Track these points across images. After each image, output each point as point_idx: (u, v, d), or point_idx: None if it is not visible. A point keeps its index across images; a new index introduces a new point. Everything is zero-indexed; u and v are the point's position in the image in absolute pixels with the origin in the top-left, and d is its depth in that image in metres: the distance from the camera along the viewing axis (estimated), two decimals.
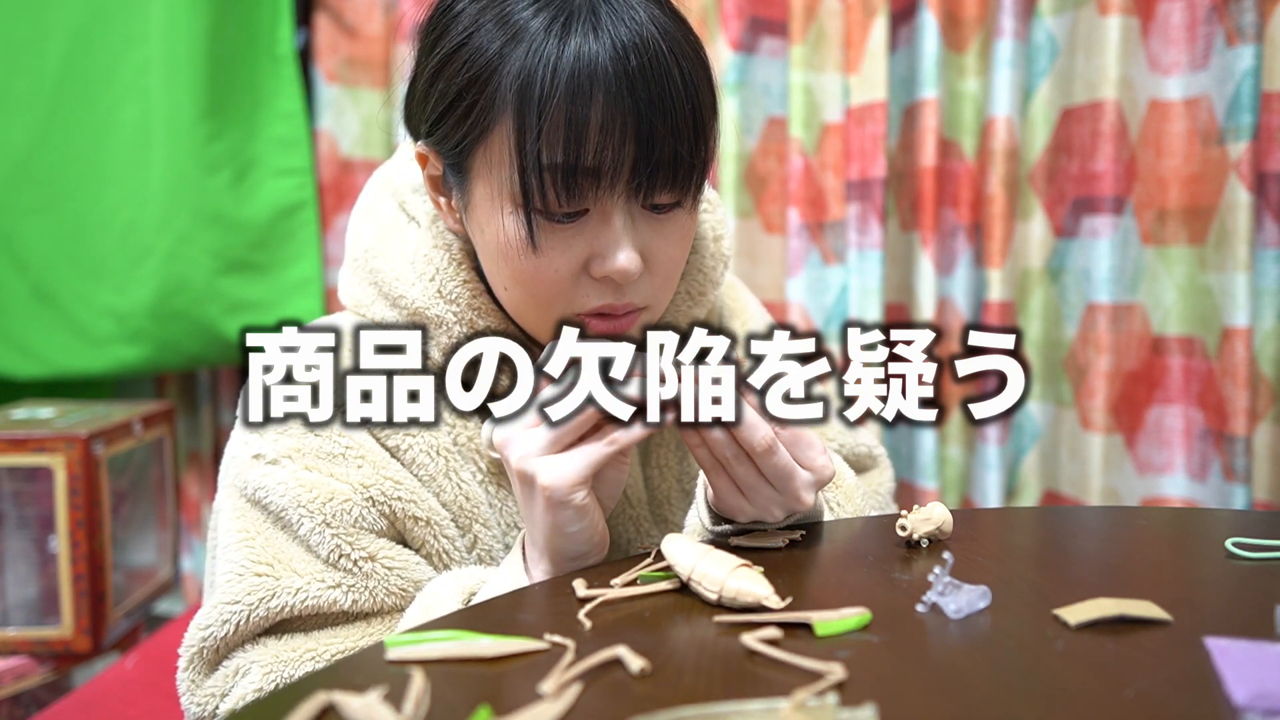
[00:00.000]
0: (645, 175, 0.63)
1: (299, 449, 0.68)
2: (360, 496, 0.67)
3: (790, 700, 0.40)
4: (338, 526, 0.66)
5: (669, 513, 0.85)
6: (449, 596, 0.64)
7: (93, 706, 1.16)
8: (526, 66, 0.61)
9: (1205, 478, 1.36)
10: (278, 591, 0.65)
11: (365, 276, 0.76)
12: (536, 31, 0.61)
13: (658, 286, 0.70)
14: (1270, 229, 1.27)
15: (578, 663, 0.45)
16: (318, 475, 0.67)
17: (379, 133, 1.66)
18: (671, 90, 0.62)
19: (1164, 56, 1.36)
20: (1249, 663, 0.44)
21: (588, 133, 0.61)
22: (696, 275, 0.80)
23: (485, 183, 0.66)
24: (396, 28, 1.60)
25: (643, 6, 0.63)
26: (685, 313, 0.79)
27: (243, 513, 0.70)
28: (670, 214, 0.68)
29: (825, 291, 1.59)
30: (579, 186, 0.63)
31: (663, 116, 0.62)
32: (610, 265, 0.65)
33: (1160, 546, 0.67)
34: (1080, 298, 1.46)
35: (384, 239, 0.75)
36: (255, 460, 0.69)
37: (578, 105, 0.60)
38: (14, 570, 1.44)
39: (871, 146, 1.54)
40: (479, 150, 0.65)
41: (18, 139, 1.61)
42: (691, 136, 0.64)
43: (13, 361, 1.68)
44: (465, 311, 0.71)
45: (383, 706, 0.40)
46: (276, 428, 0.69)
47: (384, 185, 0.80)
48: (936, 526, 0.64)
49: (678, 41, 0.64)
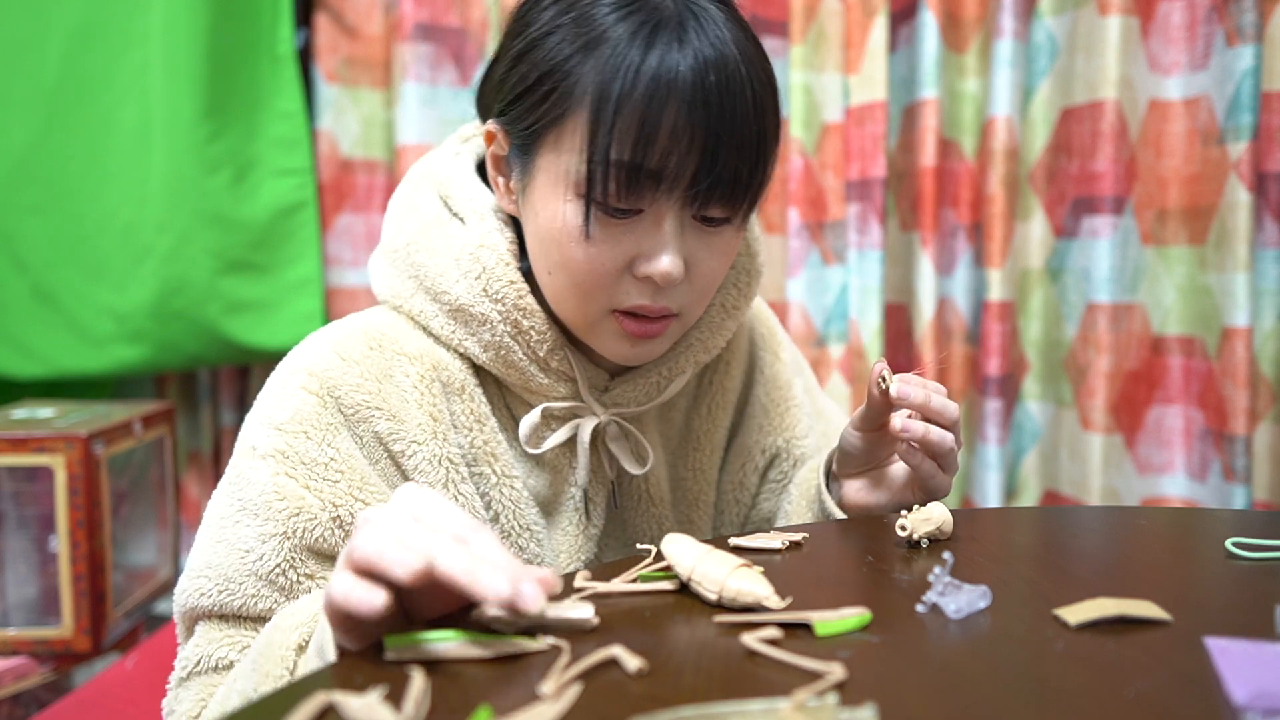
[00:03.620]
0: (703, 186, 0.66)
1: (285, 452, 0.69)
2: (327, 516, 0.68)
3: (790, 700, 0.40)
4: (295, 542, 0.67)
5: (695, 515, 0.85)
6: (285, 649, 0.60)
7: (93, 706, 1.16)
8: (611, 64, 0.63)
9: (1205, 478, 1.36)
10: (219, 605, 0.68)
11: (405, 269, 0.76)
12: (623, 35, 0.64)
13: (694, 296, 0.72)
14: (1270, 229, 1.27)
15: (576, 662, 0.45)
16: (293, 484, 0.68)
17: (379, 132, 1.66)
18: (742, 109, 0.65)
19: (1164, 56, 1.36)
20: (1249, 663, 0.45)
21: (657, 136, 0.63)
22: (731, 290, 0.81)
23: (550, 168, 0.68)
24: (396, 28, 1.60)
25: (727, 28, 0.65)
26: (719, 324, 0.81)
27: (223, 501, 0.71)
28: (718, 229, 0.70)
29: (825, 292, 1.59)
30: (640, 186, 0.65)
31: (730, 133, 0.65)
32: (654, 266, 0.67)
33: (1160, 546, 0.67)
34: (1080, 298, 1.46)
35: (427, 233, 0.76)
36: (250, 450, 0.70)
37: (653, 108, 0.63)
38: (14, 570, 1.44)
39: (871, 146, 1.54)
40: (550, 135, 0.67)
41: (18, 139, 1.61)
42: (753, 156, 0.67)
43: (13, 361, 1.67)
44: (510, 311, 0.72)
45: (383, 706, 0.40)
46: (278, 420, 0.70)
47: (427, 179, 0.80)
48: (936, 526, 0.64)
49: (754, 65, 0.66)
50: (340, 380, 0.71)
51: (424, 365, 0.74)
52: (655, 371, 0.78)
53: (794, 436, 0.88)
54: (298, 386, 0.71)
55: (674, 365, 0.79)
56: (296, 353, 0.75)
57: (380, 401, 0.71)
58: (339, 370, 0.71)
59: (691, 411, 0.86)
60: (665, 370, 0.79)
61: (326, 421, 0.70)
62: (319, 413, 0.70)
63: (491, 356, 0.74)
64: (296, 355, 0.74)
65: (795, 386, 0.89)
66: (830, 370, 1.58)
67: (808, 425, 0.89)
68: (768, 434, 0.87)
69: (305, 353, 0.74)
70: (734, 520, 0.88)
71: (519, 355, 0.73)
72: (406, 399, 0.72)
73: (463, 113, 1.62)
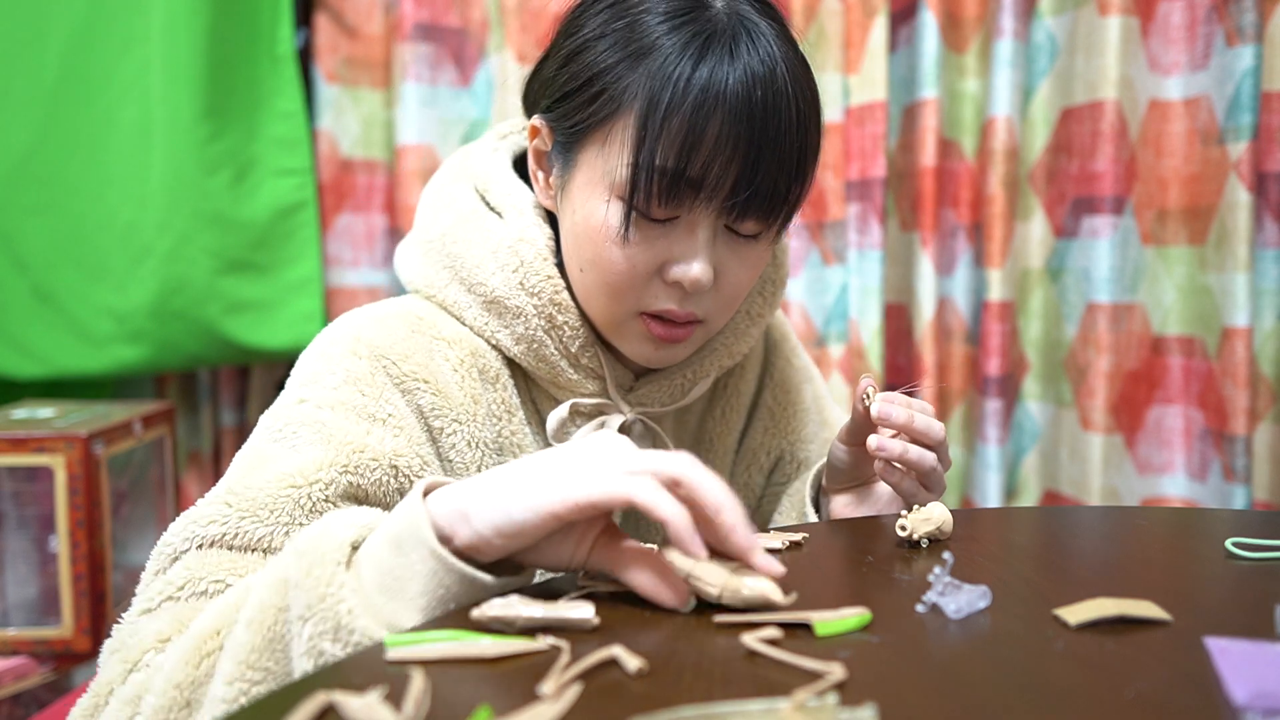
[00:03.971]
0: (742, 198, 0.67)
1: (345, 402, 0.67)
2: (387, 462, 0.66)
3: (790, 700, 0.40)
4: (353, 477, 0.64)
5: None
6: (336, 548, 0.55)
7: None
8: (663, 73, 0.64)
9: (1205, 478, 1.36)
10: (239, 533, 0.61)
11: (440, 260, 0.76)
12: (675, 45, 0.65)
13: (721, 305, 0.73)
14: (1270, 229, 1.27)
15: (576, 662, 0.45)
16: (356, 428, 0.66)
17: (379, 132, 1.66)
18: (786, 126, 0.66)
19: (1164, 56, 1.36)
20: (1249, 663, 0.44)
21: (701, 145, 0.64)
22: (757, 298, 0.82)
23: (591, 167, 0.69)
24: (396, 28, 1.60)
25: (777, 45, 0.66)
26: (744, 330, 0.82)
27: (259, 444, 0.66)
28: (751, 241, 0.71)
29: (825, 292, 1.59)
30: (680, 193, 0.66)
31: (773, 148, 0.65)
32: (684, 272, 0.68)
33: (1160, 546, 0.67)
34: (1080, 298, 1.46)
35: (464, 225, 0.76)
36: (299, 404, 0.67)
37: (699, 118, 0.64)
38: (14, 570, 1.44)
39: (871, 146, 1.54)
40: (595, 136, 0.68)
41: (18, 139, 1.61)
42: (792, 172, 0.68)
43: (13, 361, 1.67)
44: (546, 306, 0.73)
45: (383, 706, 0.40)
46: (330, 383, 0.68)
47: (463, 172, 0.81)
48: (936, 526, 0.64)
49: (801, 84, 0.67)
50: (389, 349, 0.70)
51: (463, 350, 0.74)
52: (680, 374, 0.79)
53: (798, 440, 0.88)
54: (346, 351, 0.70)
55: (698, 369, 0.80)
56: (337, 325, 0.73)
57: (427, 375, 0.71)
58: (386, 341, 0.71)
59: (706, 414, 0.86)
60: (690, 373, 0.79)
61: (380, 382, 0.69)
62: (372, 374, 0.69)
63: (524, 350, 0.74)
64: (339, 326, 0.73)
65: (804, 392, 0.90)
66: (830, 370, 1.58)
67: (813, 431, 0.89)
68: (772, 436, 0.88)
69: (349, 324, 0.72)
70: None
71: (551, 350, 0.74)
72: (449, 380, 0.72)
73: (462, 112, 1.62)
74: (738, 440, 0.88)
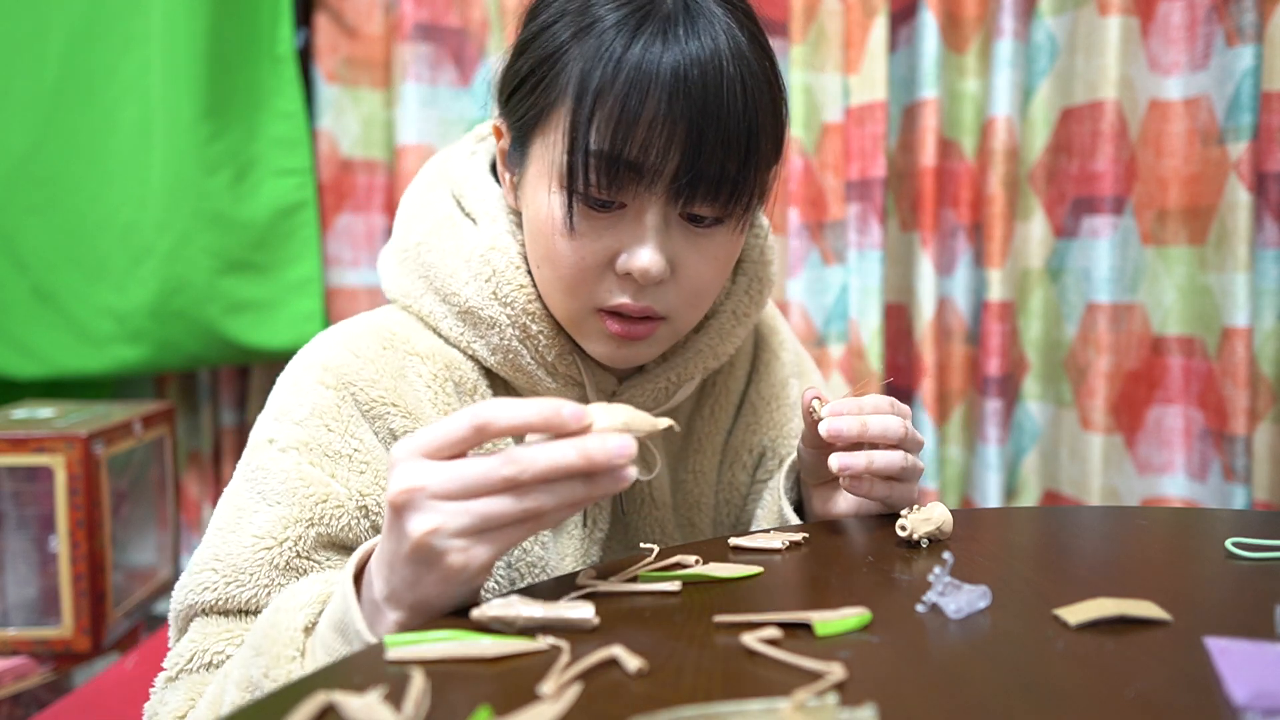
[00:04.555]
0: (686, 182, 0.64)
1: (308, 443, 0.68)
2: (354, 505, 0.68)
3: (790, 700, 0.40)
4: (320, 529, 0.66)
5: (696, 517, 0.85)
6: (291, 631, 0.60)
7: (93, 706, 1.15)
8: (593, 54, 0.63)
9: (1205, 478, 1.36)
10: (227, 599, 0.66)
11: (415, 269, 0.76)
12: (610, 25, 0.63)
13: (683, 300, 0.70)
14: (1270, 229, 1.27)
15: (576, 662, 0.45)
16: (318, 473, 0.67)
17: (379, 132, 1.66)
18: (730, 106, 0.63)
19: (1164, 56, 1.36)
20: (1249, 663, 0.44)
21: (637, 127, 0.62)
22: (744, 297, 0.81)
23: (539, 160, 0.68)
24: (396, 28, 1.60)
25: (723, 29, 0.64)
26: (729, 331, 0.80)
27: (234, 494, 0.70)
28: (710, 230, 0.68)
29: (825, 291, 1.59)
30: (620, 177, 0.64)
31: (715, 128, 0.63)
32: (633, 262, 0.66)
33: (1160, 546, 0.67)
34: (1080, 298, 1.46)
35: (438, 233, 0.75)
36: (268, 444, 0.69)
37: (632, 99, 0.62)
38: (14, 570, 1.44)
39: (871, 146, 1.54)
40: (539, 127, 0.67)
41: (18, 139, 1.61)
42: (742, 154, 0.65)
43: (13, 361, 1.67)
44: (519, 315, 0.72)
45: (383, 706, 0.40)
46: (296, 416, 0.69)
47: (440, 177, 0.80)
48: (936, 526, 0.64)
49: (749, 65, 0.65)
50: (356, 375, 0.71)
51: (436, 364, 0.74)
52: (663, 376, 0.78)
53: (780, 436, 0.87)
54: (314, 381, 0.70)
55: (683, 371, 0.79)
56: (308, 350, 0.74)
57: (396, 398, 0.71)
58: (354, 366, 0.71)
59: (694, 414, 0.86)
60: (674, 375, 0.78)
61: (347, 414, 0.69)
62: (338, 405, 0.69)
63: (500, 360, 0.74)
64: (309, 352, 0.74)
65: (790, 386, 0.88)
66: (830, 370, 1.58)
67: (797, 427, 0.88)
68: (754, 432, 0.87)
69: (318, 349, 0.73)
70: (726, 521, 0.88)
71: (527, 359, 0.73)
72: (420, 398, 0.72)
73: (462, 112, 1.62)
74: (725, 438, 0.87)
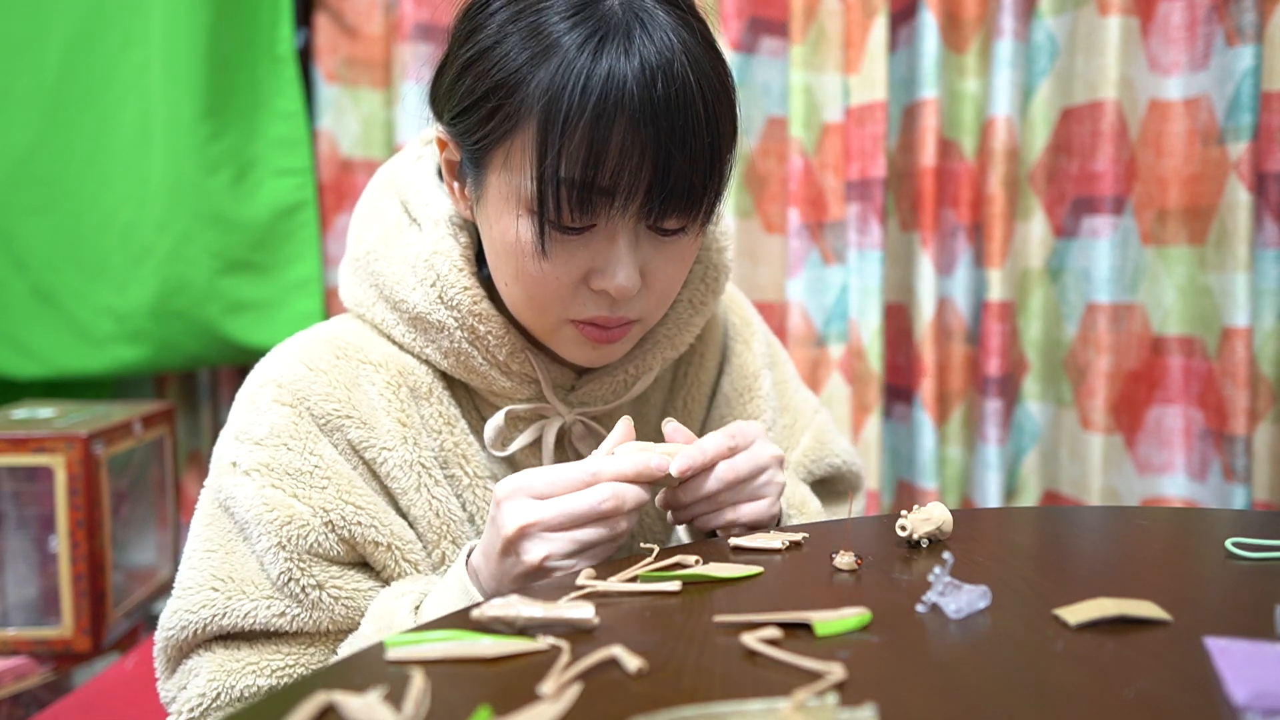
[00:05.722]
0: (658, 201, 0.64)
1: (269, 464, 0.69)
2: (319, 521, 0.68)
3: (790, 700, 0.40)
4: (291, 550, 0.68)
5: None
6: (402, 612, 0.66)
7: (93, 706, 1.16)
8: (556, 82, 0.61)
9: (1205, 478, 1.36)
10: (227, 611, 0.68)
11: (366, 278, 0.76)
12: (569, 47, 0.62)
13: (654, 302, 0.71)
14: (1270, 229, 1.27)
15: (576, 662, 0.45)
16: (281, 494, 0.68)
17: (379, 132, 1.66)
18: (694, 121, 0.63)
19: (1164, 56, 1.36)
20: (1249, 663, 0.44)
21: (607, 154, 0.62)
22: (699, 286, 0.81)
23: (501, 182, 0.67)
24: (396, 28, 1.60)
25: (675, 32, 0.63)
26: (686, 320, 0.80)
27: (212, 519, 0.71)
28: (675, 237, 0.69)
29: (825, 292, 1.59)
30: (592, 204, 0.64)
31: (682, 146, 0.63)
32: (610, 282, 0.67)
33: (1160, 546, 0.67)
34: (1080, 298, 1.46)
35: (386, 241, 0.76)
36: (231, 467, 0.70)
37: (600, 126, 0.61)
38: (14, 570, 1.44)
39: (871, 146, 1.54)
40: (499, 151, 0.66)
41: (18, 139, 1.61)
42: (706, 167, 0.65)
43: (13, 361, 1.68)
44: (466, 318, 0.72)
45: (383, 706, 0.40)
46: (256, 436, 0.70)
47: (388, 184, 0.81)
48: (936, 526, 0.64)
49: (705, 72, 0.64)
50: (309, 390, 0.71)
51: (390, 372, 0.74)
52: (622, 370, 0.78)
53: None
54: (269, 400, 0.71)
55: (641, 363, 0.79)
56: (263, 366, 0.75)
57: (350, 410, 0.72)
58: (307, 380, 0.72)
59: (667, 405, 0.85)
60: (632, 368, 0.79)
61: (304, 430, 0.70)
62: (295, 423, 0.70)
63: (453, 363, 0.74)
64: (263, 368, 0.74)
65: (762, 378, 0.88)
66: (830, 370, 1.58)
67: (770, 418, 0.87)
68: (727, 424, 0.87)
69: (272, 365, 0.74)
70: None
71: (479, 361, 0.73)
72: (375, 406, 0.73)
73: None
74: (699, 430, 0.87)
